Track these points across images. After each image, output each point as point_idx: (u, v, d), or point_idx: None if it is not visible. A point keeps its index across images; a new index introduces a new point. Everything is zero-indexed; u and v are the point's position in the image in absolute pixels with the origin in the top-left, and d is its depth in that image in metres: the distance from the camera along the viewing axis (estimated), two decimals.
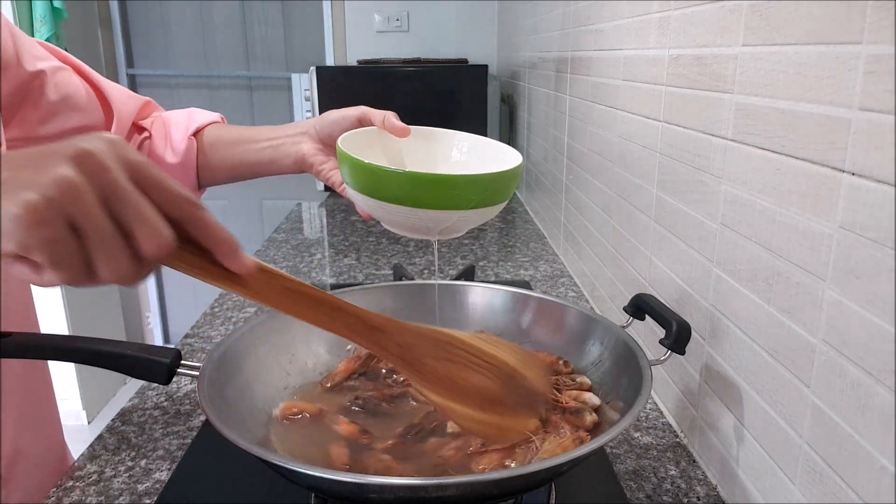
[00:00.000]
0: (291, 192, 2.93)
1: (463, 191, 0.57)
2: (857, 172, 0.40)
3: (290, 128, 0.78)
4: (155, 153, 0.80)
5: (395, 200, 0.57)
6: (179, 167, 0.79)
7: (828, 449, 0.44)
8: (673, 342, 0.57)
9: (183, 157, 0.79)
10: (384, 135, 0.70)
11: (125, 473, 0.66)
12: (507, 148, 0.67)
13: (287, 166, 0.79)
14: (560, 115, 1.33)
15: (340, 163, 0.61)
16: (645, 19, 0.80)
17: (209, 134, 0.81)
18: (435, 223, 0.58)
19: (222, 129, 0.82)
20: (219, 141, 0.81)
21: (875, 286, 0.39)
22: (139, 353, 0.55)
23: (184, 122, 0.81)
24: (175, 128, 0.80)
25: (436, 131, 0.72)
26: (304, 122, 0.78)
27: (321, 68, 1.82)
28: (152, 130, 0.81)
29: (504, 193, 0.61)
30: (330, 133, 0.74)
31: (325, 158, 0.77)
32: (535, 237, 1.50)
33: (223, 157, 0.80)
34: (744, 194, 0.55)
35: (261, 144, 0.79)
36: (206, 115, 0.83)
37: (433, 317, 0.72)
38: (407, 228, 0.61)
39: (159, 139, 0.80)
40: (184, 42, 2.88)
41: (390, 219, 0.60)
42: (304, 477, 0.45)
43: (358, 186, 0.59)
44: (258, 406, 0.60)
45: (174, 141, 0.79)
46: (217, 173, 0.82)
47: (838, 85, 0.42)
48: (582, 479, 0.63)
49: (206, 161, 0.80)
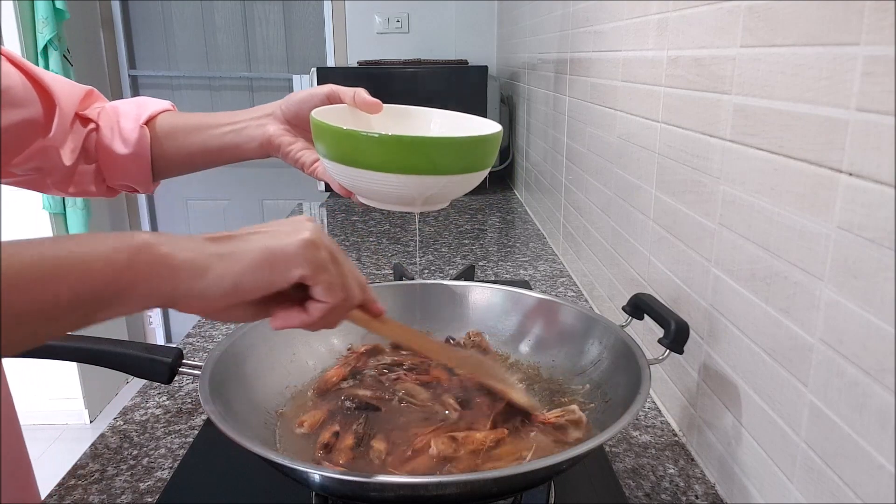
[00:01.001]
0: (292, 193, 2.95)
1: (446, 153, 0.56)
2: (855, 173, 0.40)
3: (252, 111, 0.75)
4: (104, 145, 0.75)
5: (377, 167, 0.55)
6: (131, 158, 0.75)
7: (826, 447, 0.44)
8: (671, 341, 0.57)
9: (135, 148, 0.74)
10: (356, 112, 0.68)
11: (127, 472, 0.66)
12: (484, 120, 0.66)
13: (252, 150, 0.75)
14: (559, 115, 1.33)
15: (316, 135, 0.59)
16: (644, 21, 0.80)
17: (163, 122, 0.76)
18: (418, 191, 0.57)
19: (177, 117, 0.77)
20: (175, 129, 0.76)
21: (872, 286, 0.39)
22: (141, 352, 0.55)
23: (133, 112, 0.76)
24: (124, 118, 0.75)
25: (412, 108, 0.70)
26: (268, 104, 0.75)
27: (322, 69, 1.83)
28: (99, 121, 0.75)
29: (486, 159, 0.59)
30: (297, 112, 0.72)
31: (292, 139, 0.73)
32: (535, 237, 1.50)
33: (181, 145, 0.76)
34: (742, 194, 0.56)
35: (223, 129, 0.74)
36: (157, 104, 0.78)
37: (433, 317, 0.73)
38: (389, 199, 0.59)
39: (107, 130, 0.75)
40: (185, 43, 2.89)
41: (371, 189, 0.58)
42: (305, 475, 0.45)
43: (336, 156, 0.57)
44: (259, 405, 0.60)
45: (124, 131, 0.74)
46: (174, 163, 0.77)
47: (836, 86, 0.42)
48: (581, 477, 0.63)
49: (162, 150, 0.76)
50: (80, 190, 0.76)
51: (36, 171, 0.71)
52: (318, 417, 0.60)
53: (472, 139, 0.58)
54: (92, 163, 0.76)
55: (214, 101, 2.95)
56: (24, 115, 0.68)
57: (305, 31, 2.87)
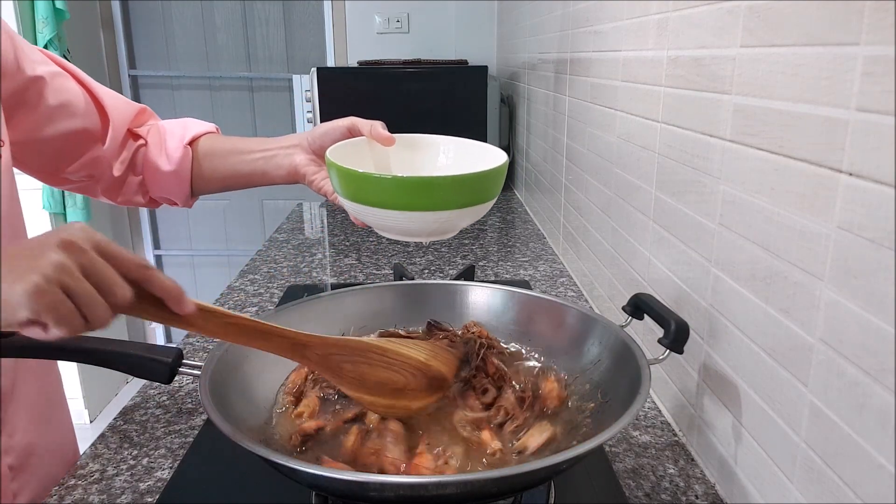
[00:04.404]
0: (292, 193, 2.94)
1: (448, 191, 0.59)
2: (855, 173, 0.40)
3: (282, 140, 0.81)
4: (150, 161, 0.82)
5: (384, 205, 0.58)
6: (174, 175, 0.81)
7: (826, 448, 0.44)
8: (671, 341, 0.57)
9: (178, 166, 0.81)
10: (373, 144, 0.72)
11: (127, 472, 0.66)
12: (492, 148, 0.69)
13: (280, 177, 0.81)
14: (559, 115, 1.33)
15: (330, 172, 0.63)
16: (644, 21, 0.80)
17: (204, 144, 0.83)
18: (425, 225, 0.60)
19: (217, 140, 0.84)
20: (213, 151, 0.83)
21: (872, 286, 0.39)
22: (141, 352, 0.55)
23: (179, 132, 0.83)
24: (171, 136, 0.82)
25: (421, 138, 0.73)
26: (296, 134, 0.81)
27: (322, 69, 1.82)
28: (148, 138, 0.82)
29: (490, 192, 0.62)
30: (321, 144, 0.77)
31: (317, 169, 0.79)
32: (535, 237, 1.50)
33: (216, 167, 0.83)
34: (742, 195, 0.56)
35: (254, 155, 0.81)
36: (201, 126, 0.85)
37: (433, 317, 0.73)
38: (399, 232, 0.62)
39: (155, 147, 0.82)
40: (185, 43, 2.89)
41: (382, 224, 0.62)
42: (304, 475, 0.45)
43: (348, 194, 0.61)
44: (259, 404, 0.60)
45: (169, 149, 0.81)
46: (210, 183, 0.84)
47: (836, 86, 0.42)
48: (581, 477, 0.63)
49: (200, 170, 0.83)
50: (126, 199, 0.85)
51: (88, 178, 0.80)
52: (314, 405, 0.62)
53: (470, 177, 0.61)
54: (138, 175, 0.84)
55: (214, 101, 2.95)
56: (84, 124, 0.76)
57: (305, 31, 2.87)
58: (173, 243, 3.14)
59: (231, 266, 3.09)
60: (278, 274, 1.27)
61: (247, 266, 1.32)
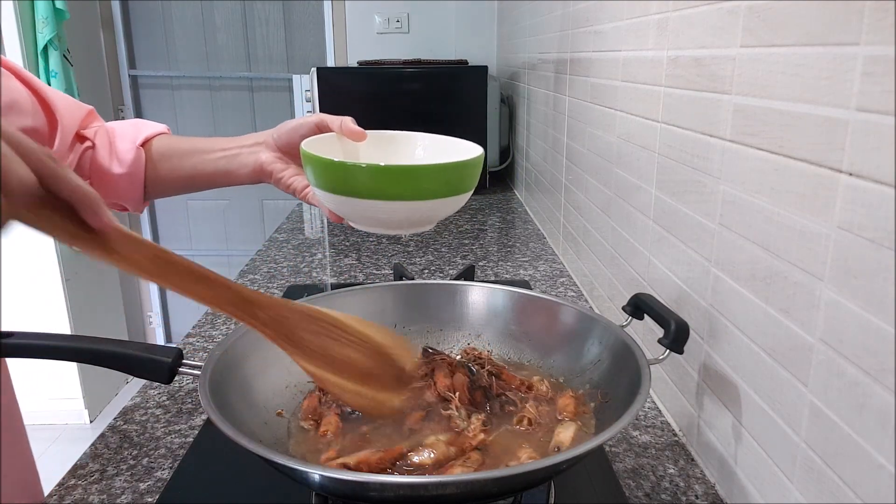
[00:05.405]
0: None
1: (428, 180, 0.58)
2: (855, 173, 0.40)
3: (245, 138, 0.77)
4: (99, 164, 0.77)
5: (364, 195, 0.57)
6: (126, 178, 0.77)
7: (826, 448, 0.44)
8: (671, 341, 0.57)
9: (130, 168, 0.77)
10: (344, 140, 0.70)
11: (127, 472, 0.66)
12: (467, 143, 0.68)
13: (244, 176, 0.78)
14: (559, 115, 1.33)
15: (305, 164, 0.62)
16: (643, 21, 0.80)
17: (158, 145, 0.79)
18: (408, 214, 0.59)
19: (174, 140, 0.80)
20: (170, 152, 0.79)
21: (872, 286, 0.39)
22: (141, 352, 0.55)
23: (130, 133, 0.78)
24: (121, 138, 0.78)
25: (396, 133, 0.72)
26: (259, 133, 0.77)
27: (322, 69, 1.82)
28: (95, 140, 0.77)
29: (470, 181, 0.62)
30: (288, 141, 0.74)
31: (284, 166, 0.76)
32: (535, 237, 1.50)
33: (175, 167, 0.78)
34: (742, 195, 0.56)
35: (216, 155, 0.77)
36: (153, 126, 0.80)
37: (433, 317, 0.73)
38: (377, 224, 0.61)
39: (103, 149, 0.77)
40: (185, 43, 2.89)
41: (359, 215, 0.61)
42: (304, 475, 0.45)
43: (325, 185, 0.60)
44: (260, 404, 0.60)
45: (120, 151, 0.77)
46: (167, 185, 0.79)
47: (836, 86, 0.42)
48: (581, 477, 0.63)
49: (156, 172, 0.78)
50: None
51: None
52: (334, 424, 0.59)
53: (450, 165, 0.61)
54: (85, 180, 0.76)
55: (214, 101, 2.95)
56: (33, 124, 0.70)
57: (305, 31, 2.87)
58: (173, 243, 3.14)
59: (231, 266, 3.09)
60: (278, 274, 1.27)
61: (247, 266, 1.32)
